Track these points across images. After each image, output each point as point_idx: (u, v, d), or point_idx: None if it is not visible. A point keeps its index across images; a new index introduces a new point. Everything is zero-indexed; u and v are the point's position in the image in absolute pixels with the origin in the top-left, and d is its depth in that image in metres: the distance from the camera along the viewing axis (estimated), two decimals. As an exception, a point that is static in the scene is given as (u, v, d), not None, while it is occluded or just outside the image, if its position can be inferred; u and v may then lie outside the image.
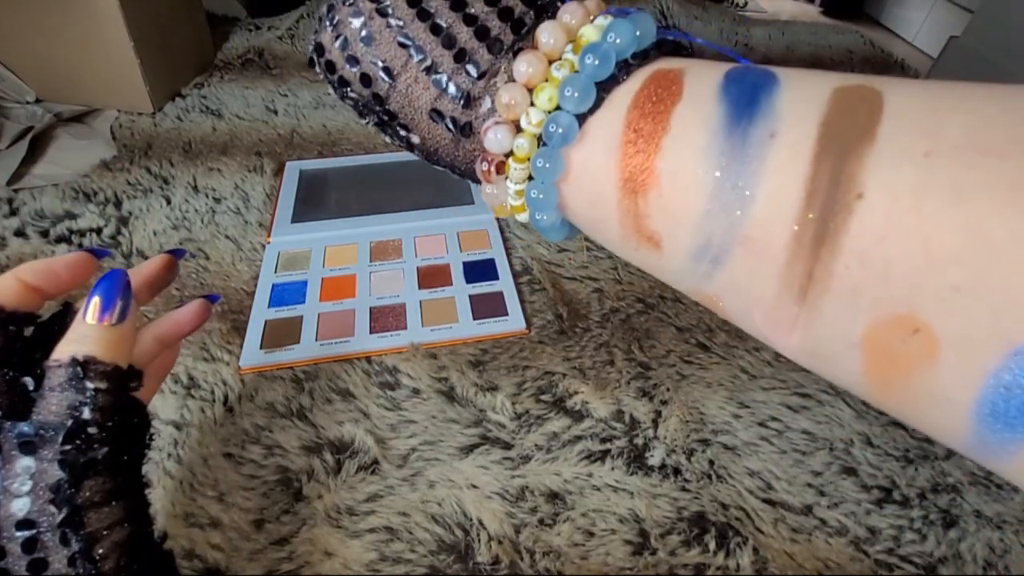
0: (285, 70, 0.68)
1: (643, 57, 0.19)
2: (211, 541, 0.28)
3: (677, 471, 0.32)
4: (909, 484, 0.32)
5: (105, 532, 0.18)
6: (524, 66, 0.19)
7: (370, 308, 0.39)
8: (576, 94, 0.18)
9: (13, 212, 0.46)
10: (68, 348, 0.19)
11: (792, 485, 0.32)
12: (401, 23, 0.20)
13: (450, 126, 0.21)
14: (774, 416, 0.35)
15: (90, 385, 0.19)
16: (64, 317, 0.21)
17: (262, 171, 0.52)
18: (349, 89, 0.23)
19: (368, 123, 0.24)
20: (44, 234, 0.44)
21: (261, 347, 0.37)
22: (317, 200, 0.49)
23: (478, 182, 0.22)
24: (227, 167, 0.52)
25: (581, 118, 0.19)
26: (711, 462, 0.32)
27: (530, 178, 0.21)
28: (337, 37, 0.22)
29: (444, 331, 0.38)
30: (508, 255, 0.44)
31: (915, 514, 0.31)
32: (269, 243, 0.44)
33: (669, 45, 0.20)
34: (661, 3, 0.85)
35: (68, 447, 0.18)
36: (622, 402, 0.35)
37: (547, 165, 0.19)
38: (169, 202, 0.48)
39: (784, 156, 0.14)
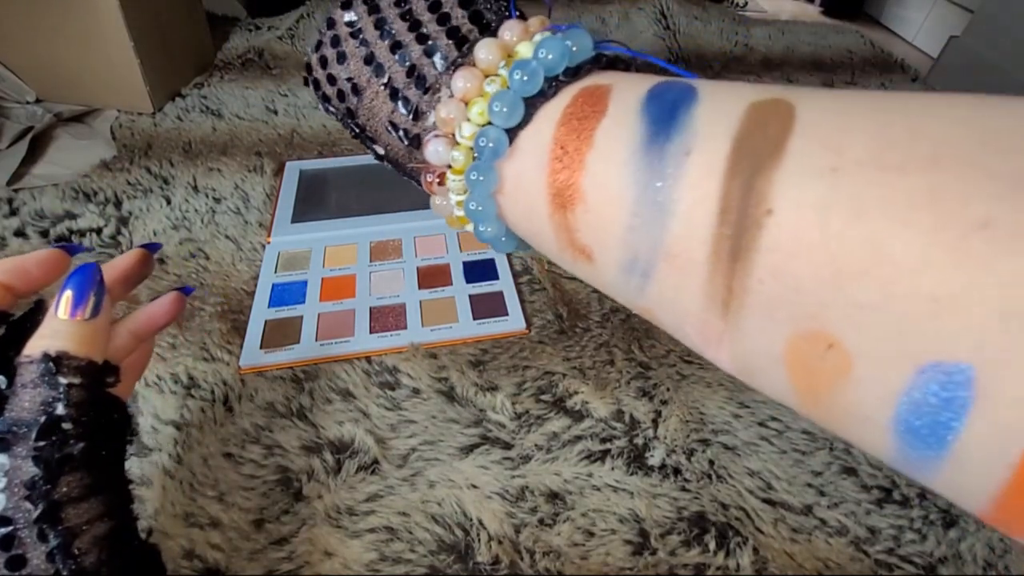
0: (285, 70, 0.68)
1: (575, 73, 0.19)
2: (211, 541, 0.28)
3: (677, 471, 0.32)
4: (909, 484, 0.32)
5: (84, 527, 0.18)
6: (461, 82, 0.20)
7: (370, 308, 0.39)
8: (504, 109, 0.19)
9: (13, 212, 0.46)
10: (40, 344, 0.19)
11: (792, 485, 0.32)
12: (367, 43, 0.22)
13: (402, 138, 0.22)
14: (774, 416, 0.35)
15: (63, 380, 0.19)
16: (37, 314, 0.21)
17: (262, 171, 0.52)
18: (330, 105, 0.24)
19: (353, 136, 0.25)
20: (44, 234, 0.44)
21: (261, 347, 0.37)
22: (317, 200, 0.49)
23: None
24: (227, 167, 0.52)
25: (512, 132, 0.19)
26: (711, 462, 0.32)
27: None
28: (321, 58, 0.24)
29: (444, 331, 0.38)
30: (508, 255, 0.44)
31: (915, 514, 0.31)
32: (269, 243, 0.44)
33: (608, 60, 0.20)
34: (661, 3, 0.85)
35: (42, 443, 0.18)
36: (622, 402, 0.35)
37: (480, 178, 0.20)
38: (169, 202, 0.48)
39: (699, 173, 0.14)
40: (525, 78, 0.19)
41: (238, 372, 0.35)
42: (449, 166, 0.21)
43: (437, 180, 0.22)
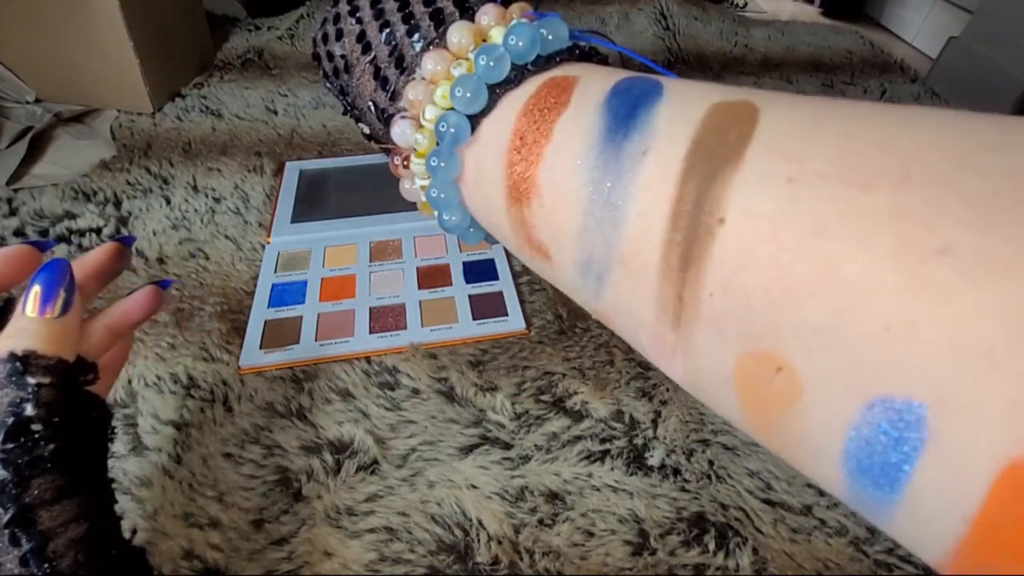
0: (285, 70, 0.68)
1: (545, 62, 0.19)
2: (210, 541, 0.28)
3: (677, 471, 0.32)
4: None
5: (59, 530, 0.18)
6: (430, 63, 0.20)
7: (370, 308, 0.39)
8: (468, 94, 0.18)
9: (13, 212, 0.46)
10: (6, 343, 0.18)
11: (792, 485, 0.32)
12: (362, 21, 0.22)
13: (379, 116, 0.22)
14: (774, 416, 0.35)
15: (31, 380, 0.18)
16: (5, 313, 0.21)
17: (262, 171, 0.52)
18: (328, 82, 0.24)
19: (344, 114, 0.26)
20: (44, 234, 0.44)
21: (261, 347, 0.37)
22: (317, 200, 0.49)
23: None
24: (227, 167, 0.52)
25: (475, 120, 0.19)
26: (711, 462, 0.32)
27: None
28: (324, 35, 0.24)
29: (444, 331, 0.38)
30: (508, 255, 0.44)
31: (915, 514, 0.31)
32: (269, 243, 0.44)
33: (583, 51, 0.19)
34: (661, 4, 0.86)
35: (11, 445, 0.17)
36: (622, 402, 0.35)
37: (441, 164, 0.19)
38: (169, 202, 0.48)
39: (654, 174, 0.14)
40: (491, 64, 0.18)
41: (238, 372, 0.35)
42: (414, 149, 0.21)
43: (403, 163, 0.22)
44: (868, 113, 0.12)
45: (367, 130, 0.24)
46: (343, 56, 0.23)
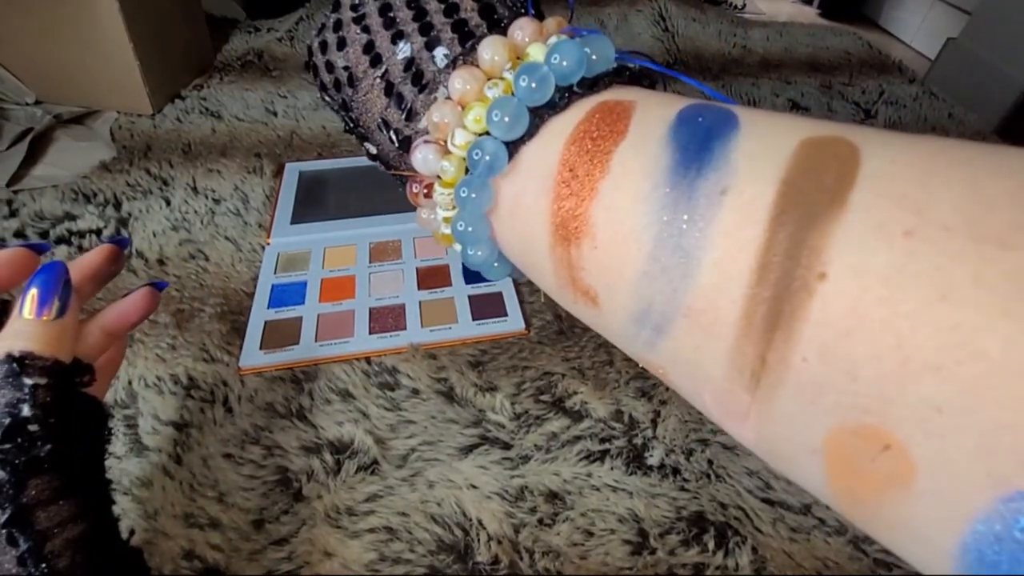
0: (284, 72, 0.68)
1: (592, 84, 0.17)
2: (211, 541, 0.28)
3: (676, 471, 0.32)
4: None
5: (56, 530, 0.18)
6: (459, 82, 0.18)
7: (369, 309, 0.39)
8: (506, 119, 0.16)
9: (13, 213, 0.46)
10: (3, 344, 0.19)
11: (791, 484, 0.32)
12: (369, 30, 0.20)
13: (393, 138, 0.20)
14: (773, 416, 0.35)
15: (28, 381, 0.18)
16: (2, 316, 0.21)
17: (261, 172, 0.52)
18: (327, 94, 0.22)
19: (347, 131, 0.24)
20: (44, 235, 0.44)
21: (261, 348, 0.37)
22: (316, 201, 0.49)
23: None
24: (227, 168, 0.52)
25: (513, 147, 0.17)
26: (710, 462, 0.33)
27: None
28: (322, 43, 0.22)
29: (443, 331, 0.38)
30: (507, 256, 0.44)
31: (913, 513, 0.31)
32: (268, 244, 0.44)
33: (632, 73, 0.18)
34: (660, 4, 0.86)
35: (7, 446, 0.17)
36: (621, 402, 0.35)
37: (472, 195, 0.17)
38: (169, 203, 0.48)
39: (735, 217, 0.12)
40: (533, 85, 0.16)
41: (238, 373, 0.36)
42: (438, 177, 0.19)
43: (424, 191, 0.19)
44: (990, 156, 0.11)
45: (374, 150, 0.22)
46: (346, 68, 0.21)
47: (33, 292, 0.20)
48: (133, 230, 0.45)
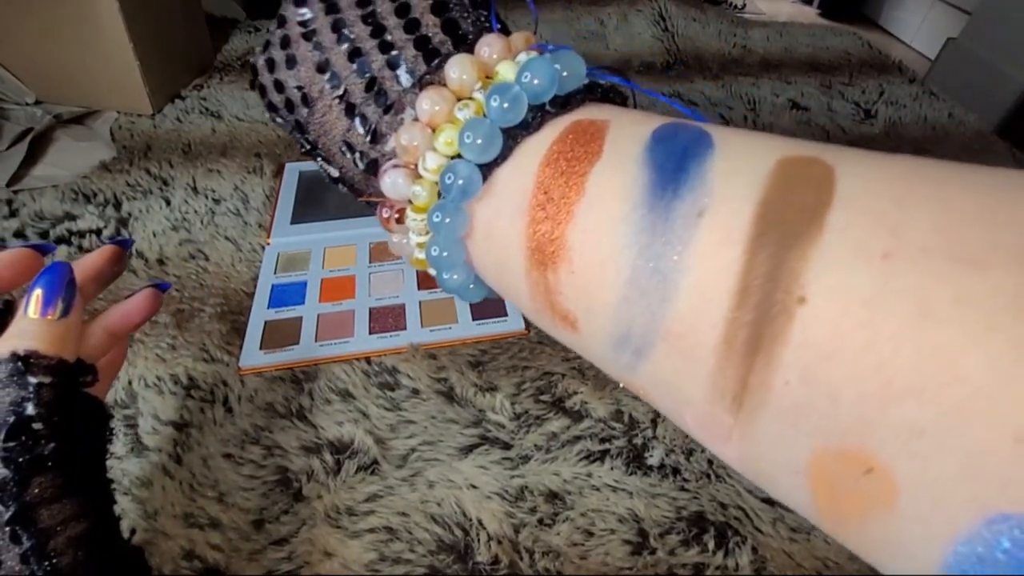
0: (284, 72, 0.68)
1: (564, 103, 0.16)
2: (211, 541, 0.28)
3: (676, 471, 0.32)
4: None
5: (59, 528, 0.18)
6: (427, 103, 0.17)
7: (369, 309, 0.39)
8: (479, 141, 0.16)
9: (13, 213, 0.46)
10: (8, 343, 0.19)
11: (791, 485, 0.32)
12: (322, 47, 0.19)
13: (357, 161, 0.19)
14: (773, 416, 0.35)
15: (33, 380, 0.18)
16: (5, 316, 0.21)
17: (261, 172, 0.52)
18: (278, 115, 0.21)
19: (303, 153, 0.22)
20: (44, 235, 0.44)
21: (261, 348, 0.37)
22: (316, 201, 0.49)
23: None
24: (227, 168, 0.52)
25: (486, 169, 0.16)
26: (710, 462, 0.33)
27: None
28: (268, 61, 0.21)
29: (443, 331, 0.38)
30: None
31: (913, 513, 0.31)
32: (268, 244, 0.44)
33: (603, 90, 0.17)
34: (660, 4, 0.86)
35: (12, 444, 0.18)
36: (621, 402, 0.35)
37: (447, 220, 0.17)
38: (169, 203, 0.48)
39: (713, 239, 0.12)
40: (506, 105, 0.16)
41: (238, 373, 0.36)
42: (409, 202, 0.18)
43: (395, 216, 0.19)
44: (959, 174, 0.11)
45: (335, 173, 0.21)
46: (299, 87, 0.20)
47: (38, 292, 0.20)
48: (133, 230, 0.45)
